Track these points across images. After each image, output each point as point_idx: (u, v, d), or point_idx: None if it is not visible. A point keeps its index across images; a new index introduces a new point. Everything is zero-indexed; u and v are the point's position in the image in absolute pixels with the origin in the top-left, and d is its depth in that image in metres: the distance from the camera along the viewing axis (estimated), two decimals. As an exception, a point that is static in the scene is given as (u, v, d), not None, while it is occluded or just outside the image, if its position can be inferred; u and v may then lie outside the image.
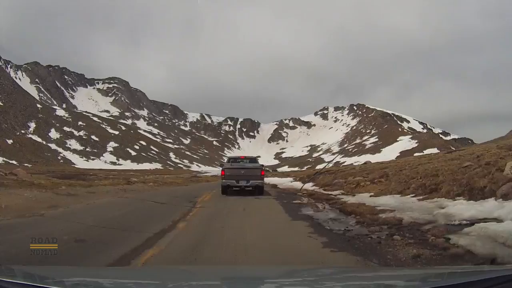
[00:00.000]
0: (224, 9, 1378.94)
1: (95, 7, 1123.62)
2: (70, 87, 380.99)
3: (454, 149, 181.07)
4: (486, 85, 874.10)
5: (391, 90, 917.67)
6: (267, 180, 40.61)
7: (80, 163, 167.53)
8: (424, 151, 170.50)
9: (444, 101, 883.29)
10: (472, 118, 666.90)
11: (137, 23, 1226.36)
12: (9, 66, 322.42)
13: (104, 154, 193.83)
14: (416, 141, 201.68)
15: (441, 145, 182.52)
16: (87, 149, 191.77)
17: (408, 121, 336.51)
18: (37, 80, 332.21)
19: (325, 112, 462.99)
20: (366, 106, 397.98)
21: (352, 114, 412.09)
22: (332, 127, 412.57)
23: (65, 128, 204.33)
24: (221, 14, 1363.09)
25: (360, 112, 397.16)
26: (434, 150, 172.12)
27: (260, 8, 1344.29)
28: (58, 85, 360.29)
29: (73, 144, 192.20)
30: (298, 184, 35.18)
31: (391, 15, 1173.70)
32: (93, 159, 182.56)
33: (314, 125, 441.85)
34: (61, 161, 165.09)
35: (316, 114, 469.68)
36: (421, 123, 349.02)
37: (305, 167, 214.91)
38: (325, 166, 59.06)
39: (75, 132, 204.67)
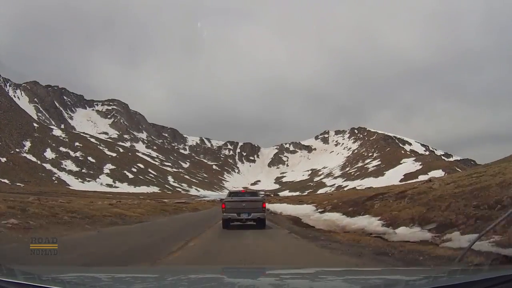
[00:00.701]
0: (224, 30, 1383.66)
1: (95, 27, 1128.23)
2: (69, 108, 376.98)
3: (459, 170, 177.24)
4: (487, 104, 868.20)
5: (392, 112, 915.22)
6: (271, 207, 39.61)
7: (75, 184, 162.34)
8: (428, 173, 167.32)
9: (445, 122, 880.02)
10: (473, 138, 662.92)
11: (136, 44, 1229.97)
12: (8, 84, 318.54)
13: (100, 176, 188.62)
14: (420, 163, 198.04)
15: (445, 166, 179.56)
16: (83, 171, 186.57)
17: (410, 144, 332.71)
18: (35, 99, 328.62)
19: (326, 136, 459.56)
20: (367, 129, 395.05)
21: (353, 137, 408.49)
22: (333, 151, 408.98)
23: (61, 149, 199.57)
24: (221, 35, 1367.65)
25: (361, 136, 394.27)
26: (439, 172, 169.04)
27: (260, 28, 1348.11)
28: (57, 105, 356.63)
29: (69, 165, 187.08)
30: (337, 220, 20.63)
31: (392, 34, 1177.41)
32: (88, 181, 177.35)
33: (315, 149, 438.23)
34: (55, 182, 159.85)
35: (316, 138, 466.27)
36: (423, 145, 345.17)
37: (307, 191, 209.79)
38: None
39: (71, 153, 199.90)
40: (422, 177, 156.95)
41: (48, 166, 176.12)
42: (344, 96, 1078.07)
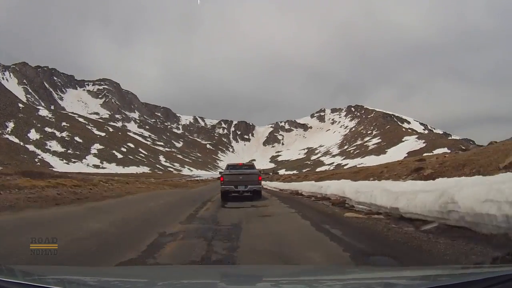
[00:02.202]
0: (222, 4, 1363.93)
1: (87, 4, 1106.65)
2: (59, 89, 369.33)
3: (464, 148, 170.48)
4: (489, 85, 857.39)
5: (391, 91, 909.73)
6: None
7: (59, 166, 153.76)
8: (433, 151, 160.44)
9: (445, 102, 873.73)
10: (472, 119, 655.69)
11: (130, 18, 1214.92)
12: None
13: (87, 157, 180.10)
14: (423, 141, 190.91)
15: (450, 145, 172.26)
16: (69, 151, 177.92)
17: (408, 122, 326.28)
18: (24, 81, 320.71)
19: (322, 114, 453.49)
20: (365, 107, 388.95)
21: (350, 115, 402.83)
22: (329, 129, 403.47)
23: (47, 129, 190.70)
24: (220, 9, 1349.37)
25: (358, 114, 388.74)
26: (444, 150, 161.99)
27: (260, 3, 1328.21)
28: (47, 86, 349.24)
29: (54, 145, 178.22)
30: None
31: (396, 11, 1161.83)
32: (74, 162, 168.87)
33: (311, 127, 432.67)
34: (38, 163, 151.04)
35: (312, 116, 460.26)
36: (421, 124, 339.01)
37: (304, 170, 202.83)
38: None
39: (57, 133, 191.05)
40: (426, 155, 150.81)
41: (31, 147, 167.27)
42: (344, 73, 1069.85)
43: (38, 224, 9.37)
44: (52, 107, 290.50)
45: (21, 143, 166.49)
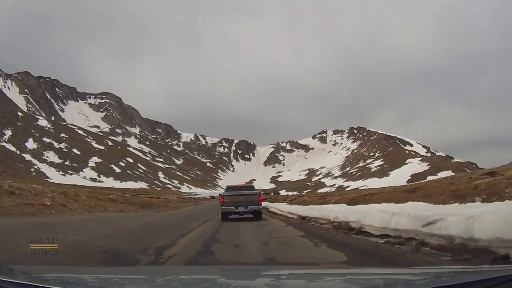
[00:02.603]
0: (224, 26, 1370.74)
1: (92, 19, 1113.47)
2: (60, 100, 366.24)
3: (468, 171, 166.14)
4: (491, 108, 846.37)
5: (393, 114, 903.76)
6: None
7: (56, 177, 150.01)
8: (437, 174, 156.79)
9: (447, 125, 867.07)
10: (475, 142, 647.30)
11: (134, 36, 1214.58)
12: None
13: (84, 169, 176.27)
14: (427, 163, 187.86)
15: (455, 167, 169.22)
16: (66, 163, 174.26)
17: (411, 145, 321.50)
18: (26, 90, 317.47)
19: (324, 135, 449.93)
20: (367, 129, 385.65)
21: (352, 137, 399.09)
22: (331, 151, 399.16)
23: (45, 139, 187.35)
24: (222, 30, 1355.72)
25: (360, 136, 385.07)
26: (449, 173, 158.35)
27: (262, 25, 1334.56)
28: (48, 97, 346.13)
29: (51, 156, 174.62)
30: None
31: (398, 34, 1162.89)
32: (71, 174, 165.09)
33: (312, 148, 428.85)
34: (34, 173, 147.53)
35: (314, 137, 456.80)
36: (424, 146, 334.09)
37: (305, 191, 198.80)
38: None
39: (55, 144, 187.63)
40: (430, 178, 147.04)
41: (27, 156, 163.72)
42: (345, 96, 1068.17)
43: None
44: (53, 118, 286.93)
45: (18, 152, 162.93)
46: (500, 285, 2.24)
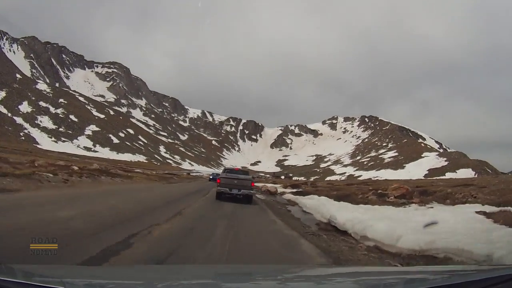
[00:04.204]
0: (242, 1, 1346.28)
1: None
2: (66, 67, 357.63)
3: (490, 171, 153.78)
4: (509, 110, 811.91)
5: (406, 106, 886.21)
6: None
7: (46, 143, 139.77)
8: (456, 171, 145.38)
9: (461, 123, 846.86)
10: (487, 143, 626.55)
11: (147, 6, 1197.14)
12: (4, 38, 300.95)
13: (79, 138, 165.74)
14: (445, 159, 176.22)
15: (475, 165, 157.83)
16: (60, 129, 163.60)
17: (424, 139, 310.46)
18: (32, 55, 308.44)
19: (334, 121, 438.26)
20: (380, 118, 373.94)
21: (363, 126, 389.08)
22: (340, 138, 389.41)
23: (41, 103, 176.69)
24: (239, 5, 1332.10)
25: (372, 125, 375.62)
26: (469, 171, 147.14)
27: (284, 2, 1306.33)
28: (54, 63, 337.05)
29: (45, 121, 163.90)
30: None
31: (424, 21, 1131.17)
32: (63, 141, 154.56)
33: (321, 134, 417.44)
34: (22, 138, 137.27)
35: (324, 123, 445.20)
36: (437, 142, 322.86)
37: (312, 177, 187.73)
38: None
39: (52, 109, 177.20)
40: (449, 175, 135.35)
41: (19, 119, 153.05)
42: (360, 83, 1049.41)
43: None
44: (57, 85, 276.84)
45: (9, 114, 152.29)
46: (500, 284, 2.23)
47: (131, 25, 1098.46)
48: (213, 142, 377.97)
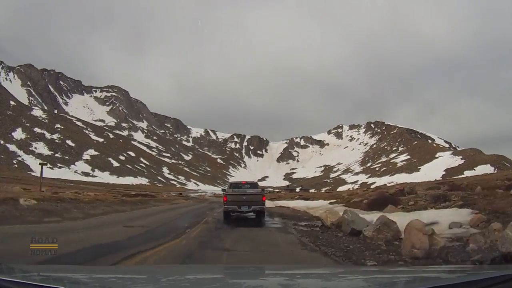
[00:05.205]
0: (239, 14, 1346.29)
1: (97, 9, 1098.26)
2: (64, 93, 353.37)
3: (508, 165, 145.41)
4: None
5: (412, 109, 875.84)
6: None
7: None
8: (475, 169, 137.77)
9: (468, 120, 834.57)
10: (498, 138, 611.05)
11: (142, 27, 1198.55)
12: (0, 67, 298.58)
13: (76, 163, 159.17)
14: (461, 157, 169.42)
15: (493, 161, 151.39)
16: (56, 155, 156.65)
17: (433, 139, 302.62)
18: (28, 83, 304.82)
19: (339, 130, 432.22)
20: (386, 123, 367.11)
21: (369, 132, 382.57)
22: (347, 146, 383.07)
23: (36, 129, 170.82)
24: (236, 20, 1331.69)
25: (379, 130, 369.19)
26: (487, 167, 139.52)
27: (281, 14, 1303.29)
28: (52, 90, 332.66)
29: (40, 147, 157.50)
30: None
31: (422, 21, 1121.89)
32: (60, 167, 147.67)
33: (328, 144, 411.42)
34: (15, 165, 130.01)
35: (329, 132, 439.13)
36: (446, 141, 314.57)
37: (323, 188, 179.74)
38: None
39: (47, 135, 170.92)
40: (468, 173, 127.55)
41: (12, 147, 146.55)
42: (362, 90, 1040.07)
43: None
44: (55, 111, 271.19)
45: (1, 142, 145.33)
46: (500, 284, 2.23)
47: (128, 48, 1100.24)
48: (218, 160, 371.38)
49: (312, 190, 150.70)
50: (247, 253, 10.22)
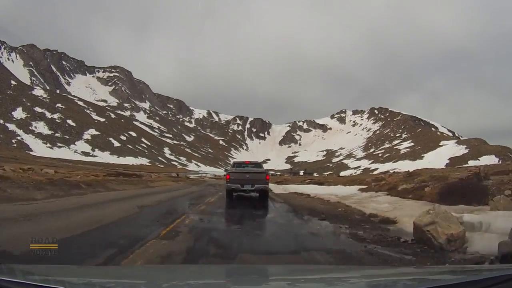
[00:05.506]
0: None
1: None
2: (67, 73, 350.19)
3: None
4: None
5: (417, 97, 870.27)
6: None
7: (40, 150, 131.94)
8: (479, 159, 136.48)
9: (472, 111, 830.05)
10: (501, 131, 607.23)
11: (146, 8, 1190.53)
12: (2, 47, 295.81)
13: (76, 142, 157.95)
14: (465, 146, 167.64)
15: (497, 151, 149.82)
16: (56, 134, 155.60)
17: (436, 128, 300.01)
18: (31, 63, 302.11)
19: (343, 115, 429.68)
20: (389, 109, 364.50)
21: (373, 118, 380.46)
22: (350, 131, 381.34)
23: (36, 109, 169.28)
24: (242, 5, 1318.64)
25: (382, 116, 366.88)
26: (491, 158, 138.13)
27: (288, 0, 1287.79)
28: (54, 70, 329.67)
29: (40, 127, 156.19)
30: None
31: (432, 13, 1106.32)
32: (59, 147, 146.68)
33: (330, 128, 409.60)
34: (14, 145, 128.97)
35: (332, 117, 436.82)
36: (449, 130, 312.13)
37: (326, 173, 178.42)
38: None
39: (48, 114, 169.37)
40: (472, 163, 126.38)
41: (12, 126, 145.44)
42: (367, 76, 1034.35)
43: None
44: (58, 91, 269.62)
45: (1, 121, 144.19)
46: (500, 284, 2.24)
47: (132, 28, 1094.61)
48: (220, 142, 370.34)
49: (315, 174, 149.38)
50: None
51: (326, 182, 44.17)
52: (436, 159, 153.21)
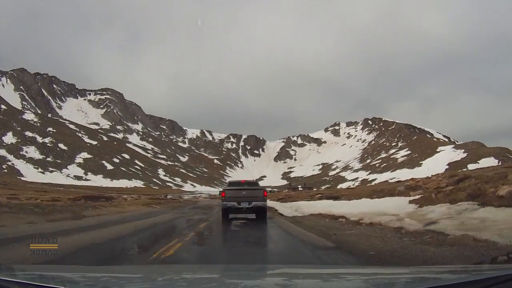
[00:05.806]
0: (235, 11, 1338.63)
1: (92, 10, 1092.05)
2: (58, 97, 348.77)
3: None
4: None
5: (410, 105, 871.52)
6: None
7: (32, 175, 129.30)
8: (478, 162, 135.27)
9: (466, 115, 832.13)
10: (497, 132, 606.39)
11: (136, 29, 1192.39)
12: None
13: (68, 166, 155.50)
14: (463, 150, 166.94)
15: (496, 153, 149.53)
16: (48, 159, 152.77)
17: (431, 134, 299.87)
18: (21, 87, 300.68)
19: (337, 128, 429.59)
20: (383, 119, 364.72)
21: (367, 128, 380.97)
22: (345, 144, 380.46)
23: (27, 133, 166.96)
24: (233, 19, 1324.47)
25: (376, 126, 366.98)
26: (491, 160, 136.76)
27: (278, 11, 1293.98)
28: (45, 94, 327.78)
29: (31, 151, 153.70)
30: None
31: (422, 16, 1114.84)
32: (51, 172, 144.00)
33: (325, 142, 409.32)
34: (5, 170, 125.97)
35: (326, 130, 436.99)
36: (445, 136, 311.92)
37: (323, 186, 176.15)
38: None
39: (39, 138, 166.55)
40: (472, 166, 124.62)
41: (2, 151, 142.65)
42: (360, 87, 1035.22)
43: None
44: (49, 115, 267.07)
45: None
46: (500, 284, 2.23)
47: (122, 50, 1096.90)
48: (215, 161, 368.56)
49: (314, 189, 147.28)
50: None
51: (342, 196, 36.91)
52: (435, 165, 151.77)
